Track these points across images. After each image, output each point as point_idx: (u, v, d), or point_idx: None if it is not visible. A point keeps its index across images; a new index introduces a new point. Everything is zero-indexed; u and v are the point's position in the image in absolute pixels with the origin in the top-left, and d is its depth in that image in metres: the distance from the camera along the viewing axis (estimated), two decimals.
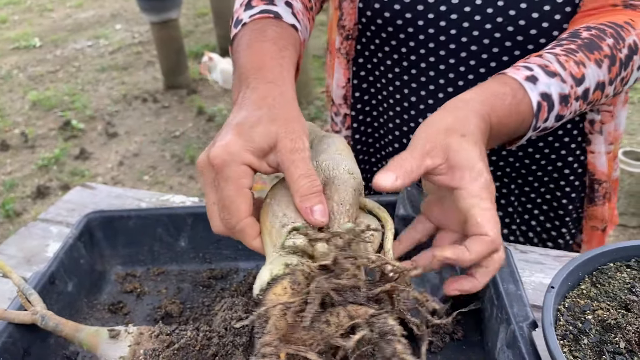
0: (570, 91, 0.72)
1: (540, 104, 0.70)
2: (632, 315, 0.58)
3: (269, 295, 0.53)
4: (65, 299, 0.78)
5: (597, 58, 0.73)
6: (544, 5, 0.80)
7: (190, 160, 3.54)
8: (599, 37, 0.74)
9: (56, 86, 4.68)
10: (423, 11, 0.86)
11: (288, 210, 0.61)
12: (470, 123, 0.63)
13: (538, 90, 0.69)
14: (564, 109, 0.72)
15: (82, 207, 1.06)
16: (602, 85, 0.75)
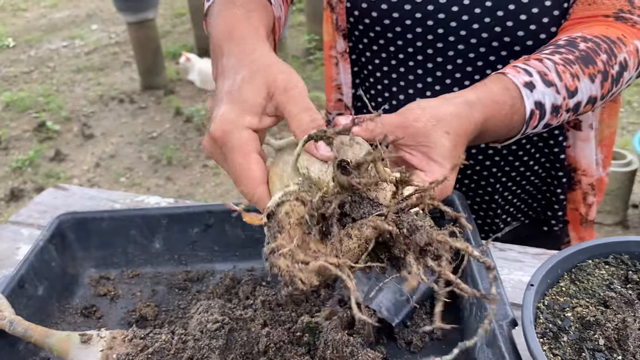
0: (562, 103, 0.73)
1: (533, 112, 0.72)
2: (610, 312, 0.57)
3: (284, 207, 0.51)
4: (36, 304, 0.75)
5: (592, 73, 0.74)
6: (532, 8, 0.80)
7: (167, 161, 3.50)
8: (595, 51, 0.75)
9: (30, 87, 4.60)
10: (410, 10, 0.85)
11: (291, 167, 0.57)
12: (463, 126, 0.65)
13: (534, 98, 0.71)
14: (554, 119, 0.74)
15: (55, 209, 1.03)
16: (594, 99, 0.76)
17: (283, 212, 0.50)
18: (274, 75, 0.60)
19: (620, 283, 0.62)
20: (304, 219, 0.49)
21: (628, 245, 0.66)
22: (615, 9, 0.79)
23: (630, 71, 0.78)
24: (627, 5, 0.79)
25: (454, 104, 0.66)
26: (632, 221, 2.74)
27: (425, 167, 0.62)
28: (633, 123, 3.50)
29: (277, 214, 0.51)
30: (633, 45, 0.78)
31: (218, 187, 3.26)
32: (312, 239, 0.50)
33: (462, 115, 0.65)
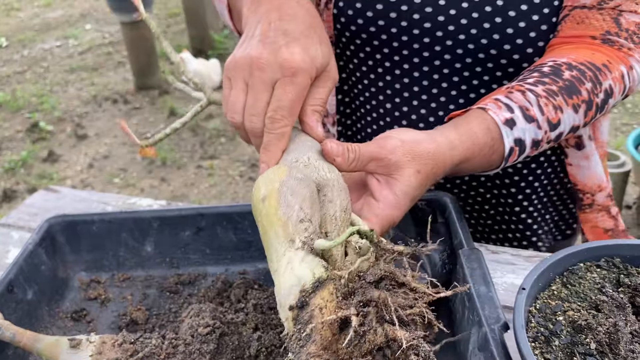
0: (543, 136, 0.74)
1: (512, 149, 0.73)
2: (602, 316, 0.57)
3: (316, 299, 0.50)
4: (25, 308, 0.75)
5: (575, 103, 0.75)
6: (519, 22, 0.80)
7: (161, 162, 3.49)
8: (579, 80, 0.75)
9: (24, 87, 4.57)
10: (396, 19, 0.85)
11: (305, 204, 0.58)
12: (435, 168, 0.68)
13: (513, 136, 0.72)
14: (533, 151, 0.76)
15: (45, 212, 1.02)
16: (576, 128, 0.77)
17: (317, 308, 0.50)
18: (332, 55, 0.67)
19: (612, 287, 0.62)
20: (336, 321, 0.49)
21: (620, 249, 0.66)
22: (603, 30, 0.79)
23: (615, 97, 0.79)
24: (614, 27, 0.79)
25: (435, 144, 0.68)
26: (626, 222, 2.75)
27: (380, 196, 0.67)
28: (626, 124, 3.51)
29: (311, 305, 0.50)
30: (618, 72, 0.78)
31: (212, 188, 3.25)
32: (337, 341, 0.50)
33: (439, 158, 0.68)
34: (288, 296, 0.52)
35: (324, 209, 0.60)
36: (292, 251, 0.55)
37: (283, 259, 0.55)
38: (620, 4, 0.78)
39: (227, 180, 3.30)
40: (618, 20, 0.79)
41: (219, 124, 3.82)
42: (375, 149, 0.67)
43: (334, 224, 0.59)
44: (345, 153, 0.66)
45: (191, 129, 3.80)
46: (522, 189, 0.97)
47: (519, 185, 0.96)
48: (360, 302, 0.51)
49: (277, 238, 0.57)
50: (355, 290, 0.53)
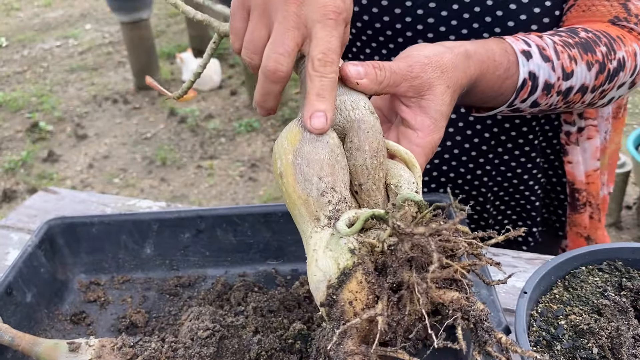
0: (555, 82, 0.72)
1: (525, 82, 0.70)
2: (604, 320, 0.57)
3: (344, 294, 0.47)
4: (24, 311, 0.74)
5: (589, 60, 0.73)
6: (520, 14, 0.79)
7: (161, 162, 3.48)
8: (595, 41, 0.74)
9: (23, 87, 4.57)
10: (400, 14, 0.85)
11: (324, 172, 0.53)
12: (460, 78, 0.63)
13: (529, 67, 0.69)
14: (543, 98, 0.72)
15: (45, 213, 1.02)
16: (585, 89, 0.75)
17: (347, 302, 0.46)
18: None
19: (614, 290, 0.61)
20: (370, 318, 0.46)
21: (621, 252, 0.65)
22: (611, 16, 0.78)
23: (626, 73, 0.77)
24: (623, 12, 0.78)
25: (453, 54, 0.64)
26: (626, 222, 2.74)
27: (417, 124, 0.61)
28: (626, 124, 3.51)
29: (340, 301, 0.47)
30: (632, 48, 0.76)
31: (212, 188, 3.24)
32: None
33: (459, 67, 0.64)
34: (317, 292, 0.49)
35: (352, 158, 0.55)
36: (318, 232, 0.51)
37: (310, 244, 0.52)
38: None
39: (227, 180, 3.30)
40: (626, 6, 0.78)
41: (218, 124, 3.81)
42: (406, 67, 0.61)
43: (365, 174, 0.54)
44: (372, 72, 0.59)
45: (191, 129, 3.79)
46: (521, 190, 0.97)
47: (518, 185, 0.96)
48: (393, 285, 0.47)
49: (302, 217, 0.53)
50: (387, 267, 0.48)
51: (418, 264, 0.47)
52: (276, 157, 0.55)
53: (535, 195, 0.98)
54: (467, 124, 0.91)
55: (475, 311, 0.46)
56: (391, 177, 0.56)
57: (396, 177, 0.56)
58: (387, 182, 0.56)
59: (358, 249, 0.48)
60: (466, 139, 0.92)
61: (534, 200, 0.99)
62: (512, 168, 0.95)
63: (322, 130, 0.54)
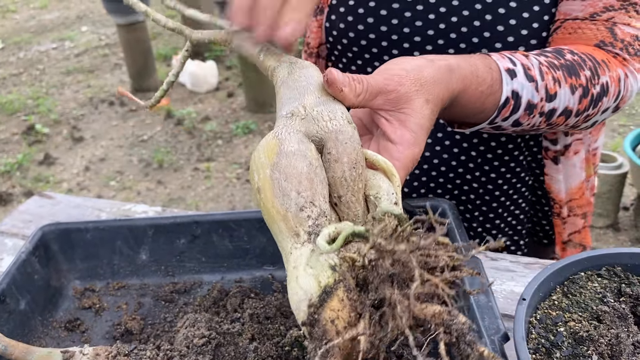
0: (538, 103, 0.71)
1: (508, 100, 0.70)
2: (604, 327, 0.56)
3: (326, 313, 0.46)
4: (17, 318, 0.73)
5: (573, 84, 0.73)
6: (509, 19, 0.79)
7: (158, 164, 3.47)
8: (580, 65, 0.74)
9: (19, 89, 4.56)
10: (387, 32, 0.85)
11: (303, 186, 0.51)
12: (441, 91, 0.63)
13: (512, 86, 0.69)
14: (525, 117, 0.72)
15: (39, 218, 1.01)
16: (569, 112, 0.74)
17: (328, 321, 0.45)
18: None
19: (613, 296, 0.61)
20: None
21: (621, 257, 0.65)
22: (597, 40, 0.78)
23: (610, 98, 0.77)
24: (609, 37, 0.77)
25: (435, 68, 0.64)
26: (623, 223, 2.75)
27: (397, 137, 0.61)
28: (623, 125, 3.51)
29: (321, 320, 0.46)
30: (616, 73, 0.76)
31: (209, 191, 3.24)
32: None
33: (440, 81, 0.63)
34: (298, 312, 0.49)
35: (331, 170, 0.54)
36: (298, 248, 0.50)
37: (290, 260, 0.51)
38: (614, 16, 0.77)
39: (224, 182, 3.29)
40: (613, 31, 0.78)
41: (215, 126, 3.81)
42: (383, 80, 0.61)
43: (344, 186, 0.53)
44: (351, 83, 0.59)
45: (188, 131, 3.78)
46: (507, 205, 0.97)
47: (504, 200, 0.96)
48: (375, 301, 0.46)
49: (281, 233, 0.52)
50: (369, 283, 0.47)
51: (400, 280, 0.46)
52: (253, 171, 0.54)
53: (520, 209, 0.98)
54: (453, 141, 0.91)
55: (457, 325, 0.45)
56: (370, 188, 0.55)
57: (375, 187, 0.55)
58: (367, 192, 0.55)
59: (339, 265, 0.47)
60: (452, 156, 0.92)
61: (519, 214, 0.99)
62: (498, 185, 0.95)
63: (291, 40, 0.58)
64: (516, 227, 1.00)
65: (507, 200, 0.97)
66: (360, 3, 0.86)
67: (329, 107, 0.56)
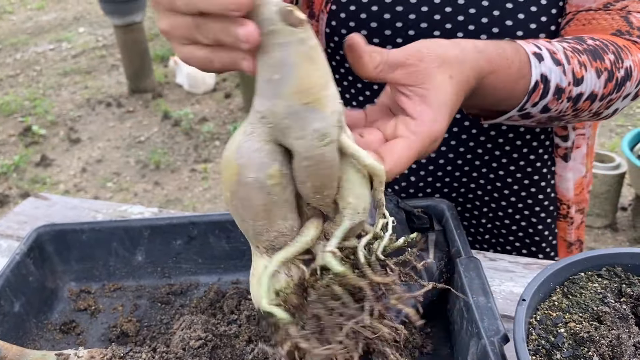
0: (566, 87, 0.69)
1: (537, 84, 0.67)
2: (604, 328, 0.56)
3: (273, 320, 0.51)
4: (12, 320, 0.73)
5: (599, 67, 0.71)
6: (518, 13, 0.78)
7: (155, 165, 3.46)
8: (603, 49, 0.72)
9: (16, 91, 4.54)
10: (391, 36, 0.83)
11: (258, 217, 0.50)
12: (466, 71, 0.60)
13: (541, 69, 0.67)
14: (554, 103, 0.70)
15: (35, 220, 1.00)
16: (594, 97, 0.73)
17: (274, 325, 0.52)
18: None
19: (614, 297, 0.60)
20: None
21: (621, 257, 0.64)
22: (613, 29, 0.76)
23: (633, 82, 0.75)
24: (625, 25, 0.76)
25: (460, 48, 0.61)
26: (621, 224, 2.74)
27: (417, 113, 0.57)
28: (621, 125, 3.51)
29: (269, 324, 0.52)
30: (638, 57, 0.75)
31: (207, 192, 3.23)
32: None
33: (467, 61, 0.61)
34: (256, 304, 0.54)
35: (298, 185, 0.50)
36: (258, 256, 0.54)
37: (253, 262, 0.55)
38: (627, 5, 0.76)
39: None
40: (628, 19, 0.76)
41: (212, 127, 3.80)
42: (403, 55, 0.58)
43: (311, 201, 0.52)
44: (372, 54, 0.56)
45: (185, 132, 3.78)
46: (519, 197, 0.96)
47: (510, 193, 0.95)
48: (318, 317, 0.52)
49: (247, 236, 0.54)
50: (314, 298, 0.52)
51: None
52: (222, 184, 0.53)
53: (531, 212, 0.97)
54: (458, 141, 0.90)
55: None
56: (340, 198, 0.52)
57: (344, 199, 0.52)
58: (337, 200, 0.53)
59: (284, 289, 0.52)
60: (458, 155, 0.91)
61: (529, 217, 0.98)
62: (508, 184, 0.94)
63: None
64: (534, 237, 0.99)
65: (524, 207, 0.95)
66: (362, 8, 0.84)
67: (300, 122, 0.47)
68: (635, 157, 2.52)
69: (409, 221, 0.77)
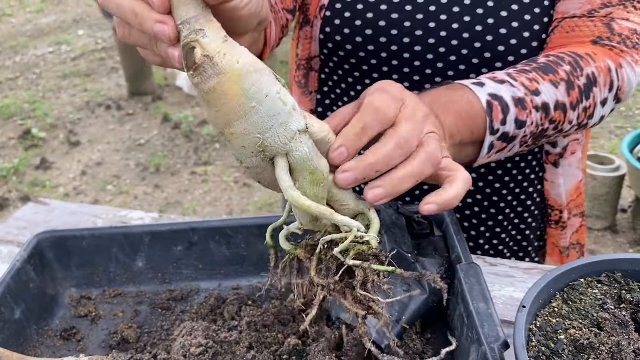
0: (525, 97, 0.71)
1: (491, 103, 0.69)
2: (604, 334, 0.56)
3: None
4: (12, 327, 0.73)
5: (552, 79, 0.72)
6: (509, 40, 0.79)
7: (155, 168, 3.46)
8: (556, 62, 0.74)
9: (15, 93, 4.54)
10: (385, 43, 0.84)
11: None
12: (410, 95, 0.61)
13: (486, 91, 0.69)
14: (523, 113, 0.71)
15: (35, 225, 1.00)
16: (563, 106, 0.73)
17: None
18: None
19: (613, 303, 0.60)
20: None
21: (620, 263, 0.64)
22: (594, 36, 0.78)
23: (601, 88, 0.76)
24: (606, 32, 0.78)
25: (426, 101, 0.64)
26: (621, 225, 2.75)
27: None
28: (620, 127, 3.52)
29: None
30: (604, 63, 0.76)
31: (206, 194, 3.23)
32: None
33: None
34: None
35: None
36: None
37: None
38: (612, 11, 0.77)
39: (222, 186, 3.28)
40: (610, 26, 0.78)
41: (212, 130, 3.80)
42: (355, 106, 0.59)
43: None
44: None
45: (185, 135, 3.78)
46: (513, 208, 0.96)
47: (504, 199, 0.96)
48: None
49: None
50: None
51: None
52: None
53: (525, 223, 0.98)
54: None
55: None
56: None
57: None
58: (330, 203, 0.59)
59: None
60: None
61: (524, 228, 0.99)
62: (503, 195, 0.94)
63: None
64: (521, 243, 0.99)
65: (512, 212, 0.96)
66: (357, 15, 0.85)
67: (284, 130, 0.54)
68: (635, 159, 2.52)
69: (408, 226, 0.77)
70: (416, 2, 0.83)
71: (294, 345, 0.67)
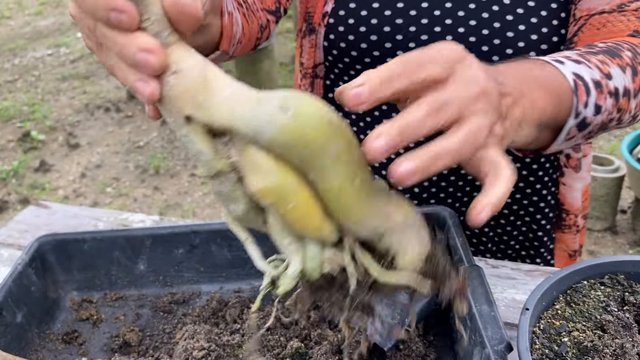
0: (601, 80, 0.63)
1: (577, 84, 0.61)
2: (608, 337, 0.56)
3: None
4: (14, 331, 0.72)
5: (620, 64, 0.66)
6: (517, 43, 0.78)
7: (155, 170, 3.46)
8: (617, 48, 0.68)
9: (15, 96, 4.54)
10: (391, 49, 0.83)
11: None
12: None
13: (570, 69, 0.61)
14: (601, 98, 0.63)
15: (36, 228, 1.00)
16: (629, 93, 0.66)
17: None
18: None
19: (617, 305, 0.60)
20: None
21: (623, 265, 0.64)
22: (630, 30, 0.74)
23: None
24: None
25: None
26: (621, 226, 2.75)
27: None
28: None
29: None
30: None
31: (206, 197, 3.22)
32: None
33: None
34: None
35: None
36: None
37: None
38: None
39: None
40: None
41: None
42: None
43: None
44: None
45: None
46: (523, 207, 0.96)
47: (516, 202, 0.95)
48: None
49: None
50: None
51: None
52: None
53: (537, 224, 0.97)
54: None
55: None
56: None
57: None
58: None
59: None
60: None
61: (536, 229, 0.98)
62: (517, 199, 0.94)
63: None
64: (533, 242, 0.99)
65: (520, 211, 0.95)
66: (361, 21, 0.84)
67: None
68: (635, 160, 2.52)
69: None
70: (421, 7, 0.82)
71: (297, 349, 0.67)
